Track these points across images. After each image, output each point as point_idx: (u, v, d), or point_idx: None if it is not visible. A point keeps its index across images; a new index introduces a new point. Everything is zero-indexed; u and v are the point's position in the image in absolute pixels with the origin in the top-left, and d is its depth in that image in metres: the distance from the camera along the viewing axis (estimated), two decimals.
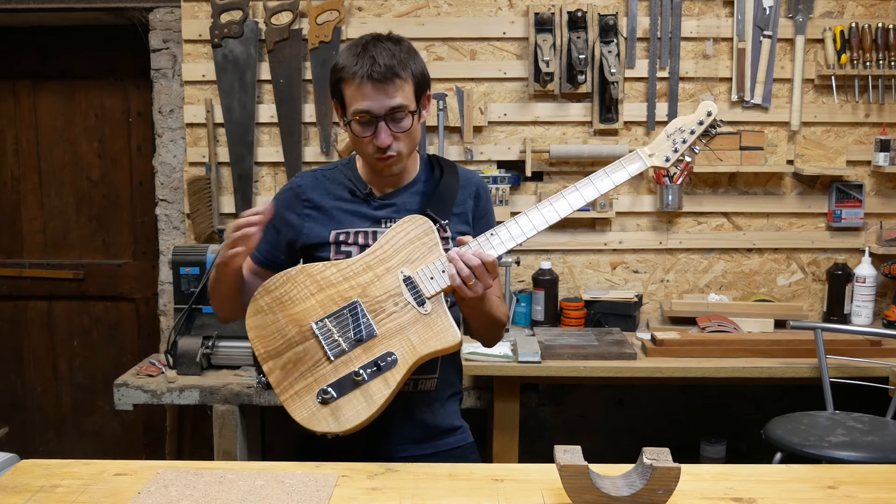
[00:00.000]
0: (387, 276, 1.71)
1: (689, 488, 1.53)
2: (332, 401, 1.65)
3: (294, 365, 1.68)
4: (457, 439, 1.90)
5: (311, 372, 1.67)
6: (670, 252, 3.46)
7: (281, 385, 1.68)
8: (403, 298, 1.69)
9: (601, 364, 2.91)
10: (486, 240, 1.71)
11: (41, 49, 3.64)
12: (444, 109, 3.30)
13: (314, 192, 1.85)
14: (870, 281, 3.29)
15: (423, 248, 1.72)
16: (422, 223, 1.73)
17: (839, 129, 3.40)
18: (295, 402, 1.66)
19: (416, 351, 1.67)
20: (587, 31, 3.29)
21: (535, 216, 1.73)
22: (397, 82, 1.71)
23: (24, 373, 3.84)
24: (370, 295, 1.70)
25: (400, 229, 1.73)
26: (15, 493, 1.52)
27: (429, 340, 1.67)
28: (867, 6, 3.34)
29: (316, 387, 1.66)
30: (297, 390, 1.67)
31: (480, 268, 1.65)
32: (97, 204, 3.73)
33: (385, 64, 1.69)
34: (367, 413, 1.64)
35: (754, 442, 3.14)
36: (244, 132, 3.36)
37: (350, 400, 1.65)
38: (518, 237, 1.72)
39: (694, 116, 1.75)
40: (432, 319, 1.68)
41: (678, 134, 1.74)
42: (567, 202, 1.73)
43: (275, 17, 3.31)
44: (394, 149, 1.74)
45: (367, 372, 1.65)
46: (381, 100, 1.70)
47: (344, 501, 1.49)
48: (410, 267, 1.71)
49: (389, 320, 1.68)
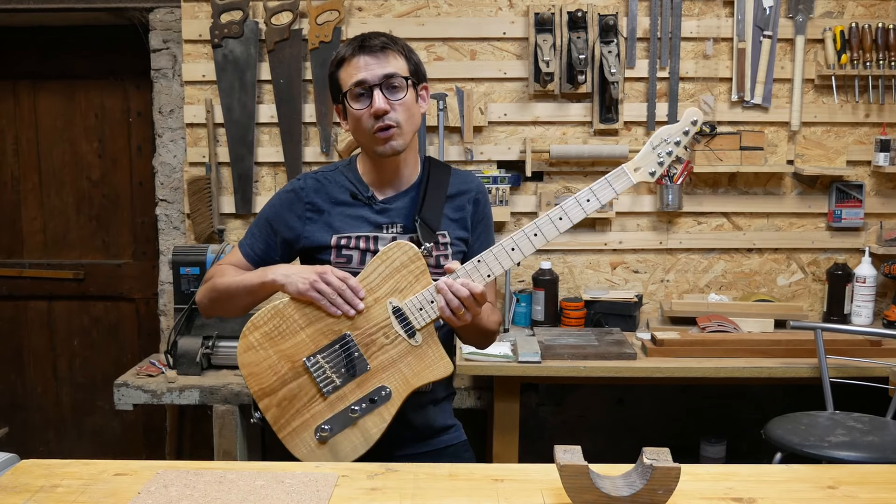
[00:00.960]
0: (375, 307, 1.70)
1: (689, 488, 1.53)
2: (329, 438, 1.69)
3: (289, 402, 1.70)
4: (450, 437, 1.91)
5: (307, 409, 1.70)
6: (670, 252, 3.46)
7: (278, 423, 1.71)
8: (394, 330, 1.69)
9: (601, 364, 2.91)
10: (473, 268, 1.70)
11: (41, 49, 3.64)
12: (444, 109, 3.30)
13: (316, 195, 1.84)
14: (870, 281, 3.29)
15: (410, 277, 1.70)
16: (407, 250, 1.71)
17: (839, 129, 3.40)
18: (293, 439, 1.71)
19: (409, 384, 1.69)
20: (587, 31, 3.29)
21: (524, 243, 1.71)
22: (388, 53, 1.74)
23: (24, 373, 3.84)
24: (360, 327, 1.69)
25: (386, 257, 1.71)
26: (15, 493, 1.52)
27: (421, 372, 1.70)
28: (867, 6, 3.34)
29: (312, 424, 1.69)
30: (294, 428, 1.70)
31: (469, 299, 1.66)
32: (97, 204, 3.74)
33: (378, 39, 1.75)
34: (364, 448, 1.69)
35: (754, 442, 3.14)
36: (244, 132, 3.36)
37: (347, 436, 1.69)
38: (506, 264, 1.71)
39: (678, 126, 1.71)
40: (423, 351, 1.70)
41: (663, 146, 1.71)
42: (555, 227, 1.70)
43: (275, 17, 3.31)
44: (391, 118, 1.74)
45: (361, 408, 1.68)
46: (374, 69, 1.72)
47: (344, 501, 1.49)
48: (399, 297, 1.70)
49: (381, 353, 1.69)
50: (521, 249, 1.71)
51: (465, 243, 1.87)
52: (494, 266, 1.71)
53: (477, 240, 1.90)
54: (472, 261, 1.71)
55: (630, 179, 1.71)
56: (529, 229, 1.71)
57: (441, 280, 1.68)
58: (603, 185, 1.70)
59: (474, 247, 1.88)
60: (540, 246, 1.71)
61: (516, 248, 1.71)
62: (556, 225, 1.70)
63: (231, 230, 3.44)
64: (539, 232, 1.71)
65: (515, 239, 1.71)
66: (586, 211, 1.70)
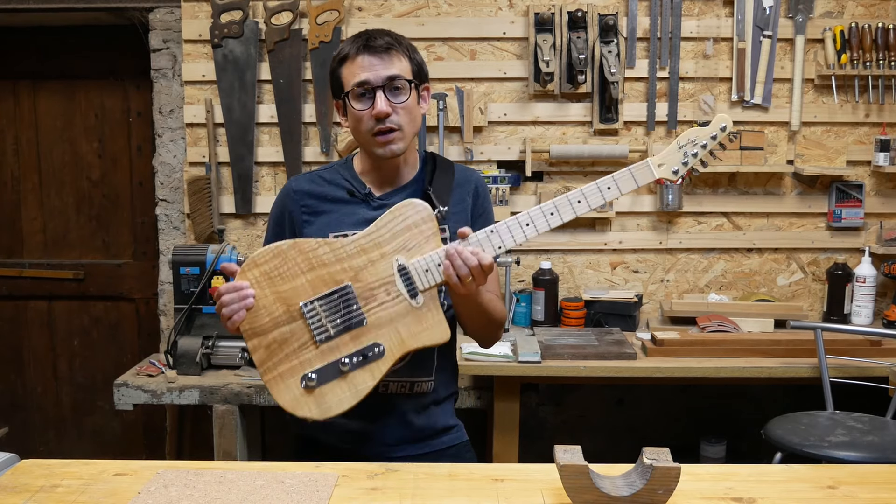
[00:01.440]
0: (381, 261, 1.67)
1: (689, 488, 1.53)
2: (315, 387, 1.63)
3: (279, 345, 1.64)
4: (451, 438, 1.90)
5: (297, 354, 1.64)
6: (670, 252, 3.46)
7: (265, 365, 1.65)
8: (396, 288, 1.66)
9: (601, 364, 2.91)
10: (486, 237, 1.68)
11: (41, 49, 3.65)
12: (444, 109, 3.30)
13: (311, 197, 1.83)
14: (870, 281, 3.29)
15: (420, 237, 1.67)
16: (422, 209, 1.68)
17: (839, 129, 3.40)
18: (278, 383, 1.64)
19: (404, 344, 1.65)
20: (587, 31, 3.29)
21: (539, 220, 1.69)
22: (393, 54, 1.73)
23: (24, 373, 3.84)
24: (362, 280, 1.66)
25: (399, 213, 1.68)
26: (15, 493, 1.52)
27: (418, 334, 1.66)
28: (867, 6, 3.34)
29: (300, 371, 1.63)
30: (280, 372, 1.64)
31: (477, 268, 1.63)
32: (97, 204, 3.74)
33: (383, 39, 1.73)
34: (350, 403, 1.63)
35: (754, 442, 3.14)
36: (244, 132, 3.36)
37: (333, 388, 1.63)
38: (519, 238, 1.69)
39: (708, 129, 1.70)
40: (423, 313, 1.66)
41: (690, 146, 1.70)
42: (572, 208, 1.69)
43: (275, 17, 3.31)
44: (393, 121, 1.72)
45: (352, 361, 1.63)
46: (378, 70, 1.71)
47: (344, 501, 1.49)
48: (406, 255, 1.67)
49: (380, 309, 1.66)
50: (536, 225, 1.68)
51: None
52: (507, 238, 1.68)
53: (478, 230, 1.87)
54: (486, 230, 1.68)
55: (653, 173, 1.69)
56: (546, 207, 1.69)
57: (451, 245, 1.65)
58: (626, 174, 1.69)
59: None
60: (554, 225, 1.69)
61: (531, 223, 1.68)
62: (574, 207, 1.69)
63: (231, 230, 3.44)
64: (556, 211, 1.68)
65: (531, 214, 1.68)
66: (605, 198, 1.69)
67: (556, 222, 1.69)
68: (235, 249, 3.09)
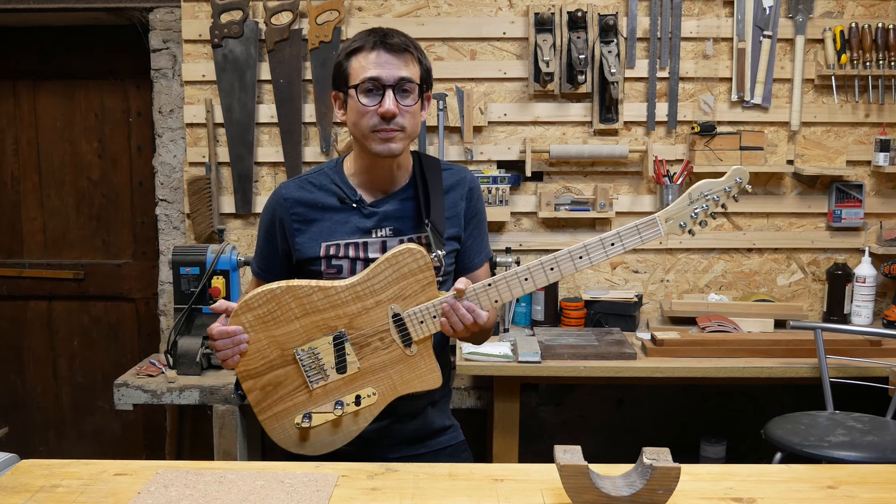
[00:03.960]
0: (376, 309, 1.67)
1: (689, 488, 1.53)
2: (308, 429, 1.68)
3: (273, 388, 1.69)
4: (448, 438, 1.91)
5: (290, 397, 1.69)
6: (670, 252, 3.46)
7: (260, 406, 1.70)
8: (390, 336, 1.67)
9: (601, 364, 2.91)
10: (483, 291, 1.67)
11: (41, 49, 3.64)
12: (444, 109, 3.30)
13: (301, 205, 1.80)
14: (870, 281, 3.29)
15: (416, 286, 1.66)
16: (419, 258, 1.66)
17: (839, 129, 3.40)
18: (273, 423, 1.70)
19: (395, 390, 1.69)
20: (587, 31, 3.29)
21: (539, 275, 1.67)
22: (407, 56, 1.72)
23: (24, 373, 3.84)
24: (356, 327, 1.67)
25: (395, 261, 1.66)
26: (15, 493, 1.52)
27: (410, 381, 1.69)
28: (867, 6, 3.34)
29: (294, 413, 1.68)
30: (275, 413, 1.69)
31: (472, 325, 1.65)
32: (97, 204, 3.74)
33: (400, 38, 1.72)
34: (340, 444, 1.69)
35: (754, 442, 3.15)
36: (244, 132, 3.36)
37: (325, 430, 1.69)
38: (517, 293, 1.68)
39: (722, 181, 1.68)
40: (416, 362, 1.69)
41: (701, 200, 1.69)
42: (573, 264, 1.67)
43: (275, 17, 3.31)
44: (398, 122, 1.70)
45: (345, 406, 1.67)
46: (392, 69, 1.69)
47: (344, 501, 1.49)
48: (402, 304, 1.66)
49: (374, 356, 1.68)
50: (535, 280, 1.67)
51: (457, 241, 1.84)
52: (504, 293, 1.67)
53: (470, 236, 1.86)
54: (483, 283, 1.67)
55: (660, 231, 1.68)
56: (547, 262, 1.67)
57: (448, 300, 1.64)
58: (631, 230, 1.67)
59: (467, 243, 1.85)
60: (554, 280, 1.67)
61: (529, 278, 1.67)
62: (575, 263, 1.67)
63: (231, 230, 3.44)
64: (556, 266, 1.67)
65: (531, 268, 1.67)
66: (609, 254, 1.66)
67: (555, 277, 1.67)
68: (235, 249, 3.09)
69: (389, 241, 1.78)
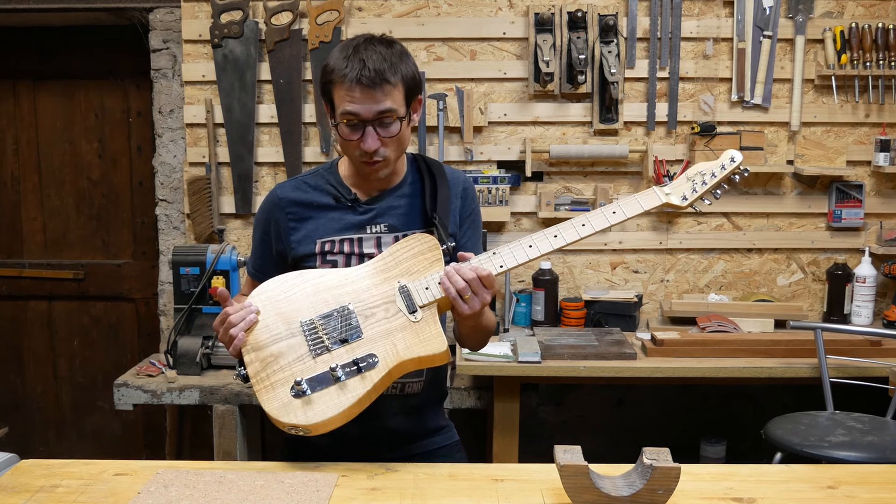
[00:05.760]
0: (384, 284, 1.71)
1: (689, 488, 1.53)
2: (304, 394, 1.61)
3: (275, 358, 1.66)
4: (442, 438, 1.91)
5: (291, 366, 1.65)
6: (670, 252, 3.46)
7: (258, 375, 1.65)
8: (395, 305, 1.69)
9: (601, 364, 2.91)
10: (487, 258, 1.70)
11: (41, 49, 3.65)
12: (444, 109, 3.30)
13: (296, 204, 1.82)
14: (870, 281, 3.29)
15: (424, 263, 1.71)
16: (428, 240, 1.73)
17: (839, 129, 3.40)
18: (268, 392, 1.63)
19: (399, 355, 1.65)
20: (587, 31, 3.29)
21: (542, 242, 1.71)
22: (386, 87, 1.67)
23: (24, 373, 3.84)
24: (363, 300, 1.69)
25: (406, 244, 1.73)
26: (15, 493, 1.52)
27: (414, 346, 1.66)
28: (867, 6, 3.34)
29: (292, 380, 1.63)
30: (272, 382, 1.65)
31: (476, 281, 1.64)
32: (97, 204, 3.74)
33: (375, 68, 1.66)
34: (337, 409, 1.60)
35: (754, 442, 3.14)
36: (244, 132, 3.36)
37: (323, 395, 1.62)
38: (521, 258, 1.71)
39: (716, 162, 1.75)
40: (421, 327, 1.67)
41: (698, 177, 1.75)
42: (576, 231, 1.71)
43: (275, 17, 3.31)
44: (381, 154, 1.72)
45: (344, 370, 1.63)
46: (369, 104, 1.67)
47: (344, 501, 1.49)
48: (409, 278, 1.70)
49: (378, 325, 1.67)
50: (539, 247, 1.71)
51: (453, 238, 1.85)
52: (508, 258, 1.71)
53: (464, 235, 1.87)
54: (488, 252, 1.71)
55: (659, 198, 1.73)
56: (550, 231, 1.72)
57: (450, 265, 1.68)
58: (631, 199, 1.73)
59: (461, 242, 1.86)
60: (558, 247, 1.71)
61: (534, 245, 1.71)
62: (578, 230, 1.71)
63: (231, 230, 3.44)
64: (560, 234, 1.71)
65: (534, 237, 1.71)
66: (610, 221, 1.71)
67: (558, 243, 1.71)
68: (235, 249, 3.09)
69: (384, 237, 1.80)
